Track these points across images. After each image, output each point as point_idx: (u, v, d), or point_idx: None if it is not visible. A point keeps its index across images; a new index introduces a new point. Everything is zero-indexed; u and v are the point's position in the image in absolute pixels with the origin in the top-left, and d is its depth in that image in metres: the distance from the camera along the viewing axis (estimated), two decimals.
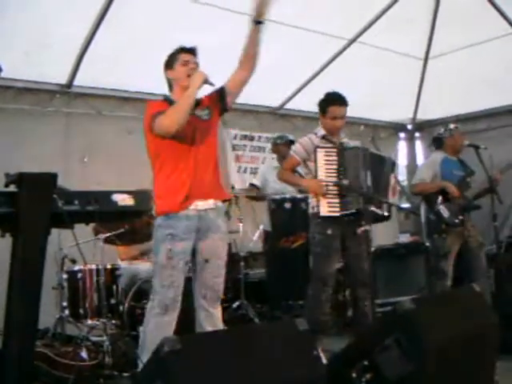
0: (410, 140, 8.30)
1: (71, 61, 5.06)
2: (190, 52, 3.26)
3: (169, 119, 3.05)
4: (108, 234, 4.38)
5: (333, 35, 5.77)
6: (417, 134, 8.23)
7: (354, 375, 2.32)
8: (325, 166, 3.95)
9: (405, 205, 7.59)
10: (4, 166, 2.29)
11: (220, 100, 3.32)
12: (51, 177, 2.00)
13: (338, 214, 3.92)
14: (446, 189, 4.68)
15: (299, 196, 5.28)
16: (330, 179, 3.92)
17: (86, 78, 5.32)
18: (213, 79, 3.14)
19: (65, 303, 4.22)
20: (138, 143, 3.36)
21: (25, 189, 1.93)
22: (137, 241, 4.81)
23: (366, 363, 2.31)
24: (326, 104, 4.12)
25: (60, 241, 4.18)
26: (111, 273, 4.36)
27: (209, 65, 3.22)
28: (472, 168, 4.86)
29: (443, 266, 4.67)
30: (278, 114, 6.93)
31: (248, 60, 3.23)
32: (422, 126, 8.02)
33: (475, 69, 6.10)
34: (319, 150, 3.97)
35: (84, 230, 4.06)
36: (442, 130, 5.02)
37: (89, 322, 4.23)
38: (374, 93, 6.46)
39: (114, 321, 4.27)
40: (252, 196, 6.00)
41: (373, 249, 4.94)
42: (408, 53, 6.39)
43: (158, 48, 3.29)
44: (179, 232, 3.09)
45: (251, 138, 6.67)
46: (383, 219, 4.15)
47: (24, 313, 1.96)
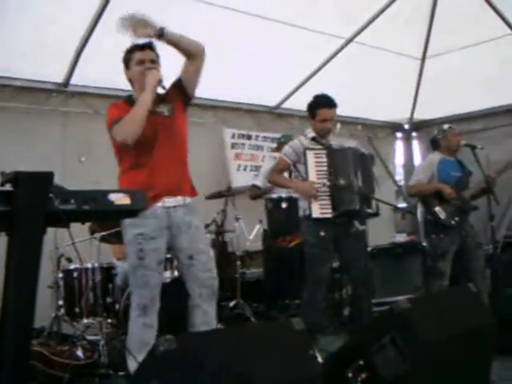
0: (407, 140, 8.31)
1: (68, 60, 5.04)
2: (145, 48, 3.15)
3: (124, 132, 2.97)
4: (104, 233, 4.37)
5: (330, 34, 5.77)
6: (414, 134, 8.24)
7: (350, 374, 2.32)
8: (315, 168, 3.95)
9: (401, 204, 7.63)
10: (0, 165, 2.29)
11: (180, 91, 3.22)
12: (47, 176, 1.98)
13: (330, 216, 3.92)
14: (442, 191, 4.68)
15: (296, 195, 5.26)
16: (321, 180, 3.93)
17: (83, 77, 5.30)
18: (213, 78, 3.08)
19: (60, 302, 4.22)
20: None
21: (21, 188, 1.92)
22: None
23: (362, 363, 2.31)
24: (315, 107, 4.12)
25: (56, 240, 4.18)
26: (107, 272, 4.35)
27: (210, 65, 3.21)
28: (469, 168, 4.86)
29: (441, 266, 4.67)
30: (276, 114, 6.91)
31: (188, 56, 3.12)
32: (419, 126, 8.03)
33: (472, 69, 6.11)
34: (309, 152, 3.97)
35: (80, 229, 4.07)
36: (436, 132, 5.02)
37: (84, 321, 4.23)
38: (371, 92, 6.46)
39: (110, 320, 4.27)
40: (251, 195, 5.98)
41: (369, 248, 4.95)
42: (405, 53, 6.39)
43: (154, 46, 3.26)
44: (148, 231, 3.03)
45: (249, 137, 6.66)
46: (373, 216, 4.15)
47: (19, 311, 1.95)
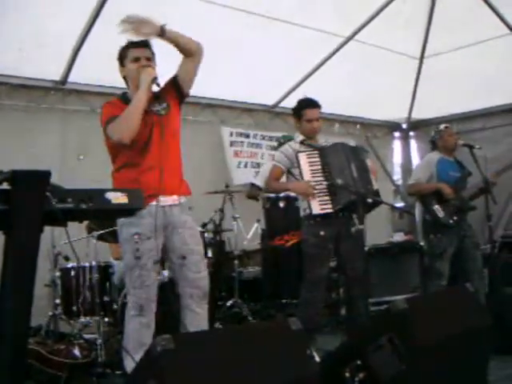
0: (405, 139, 8.31)
1: (66, 57, 5.03)
2: (141, 46, 3.13)
3: (120, 131, 2.97)
4: (101, 232, 4.37)
5: (329, 33, 5.75)
6: (411, 133, 8.23)
7: (347, 374, 2.32)
8: (309, 169, 3.97)
9: (399, 204, 7.64)
10: None
11: (175, 89, 3.22)
12: (45, 174, 1.98)
13: (331, 210, 3.92)
14: (442, 190, 4.69)
15: (294, 195, 5.26)
16: (317, 180, 3.93)
17: (81, 75, 5.29)
18: (211, 77, 3.08)
19: (58, 301, 4.22)
20: None
21: (18, 186, 1.91)
22: None
23: (359, 362, 2.31)
24: (300, 108, 4.23)
25: (53, 238, 4.18)
26: (104, 270, 4.34)
27: (208, 64, 3.20)
28: (468, 168, 4.86)
29: (439, 266, 4.68)
30: (274, 113, 6.90)
31: (187, 54, 3.12)
32: (417, 126, 8.02)
33: (470, 68, 6.11)
34: (300, 155, 4.00)
35: (77, 228, 4.08)
36: (433, 132, 5.03)
37: (82, 320, 4.23)
38: (369, 91, 6.46)
39: (107, 318, 4.26)
40: (248, 194, 5.97)
41: (367, 248, 4.95)
42: (403, 52, 6.38)
43: (153, 44, 3.25)
44: (145, 230, 3.02)
45: (247, 136, 6.66)
46: (375, 206, 4.08)
47: (16, 310, 1.95)
